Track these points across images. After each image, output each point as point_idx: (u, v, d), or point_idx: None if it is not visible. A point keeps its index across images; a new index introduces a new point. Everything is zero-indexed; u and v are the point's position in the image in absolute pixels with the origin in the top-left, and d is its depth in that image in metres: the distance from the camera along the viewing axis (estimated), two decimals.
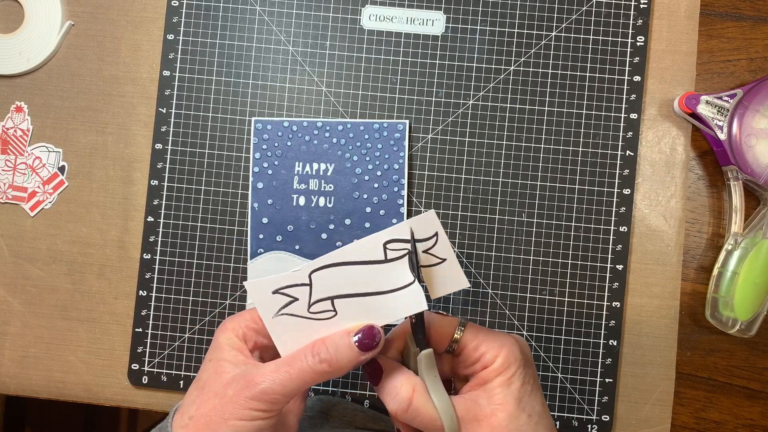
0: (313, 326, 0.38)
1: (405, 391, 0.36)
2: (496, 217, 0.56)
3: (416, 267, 0.37)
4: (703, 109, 0.53)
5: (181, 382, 0.56)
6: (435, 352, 0.39)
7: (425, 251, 0.38)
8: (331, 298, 0.38)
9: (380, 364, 0.38)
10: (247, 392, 0.35)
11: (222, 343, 0.39)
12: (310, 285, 0.38)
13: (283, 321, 0.38)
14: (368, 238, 0.37)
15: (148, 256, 0.57)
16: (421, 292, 0.37)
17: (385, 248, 0.37)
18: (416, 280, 0.37)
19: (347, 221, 0.55)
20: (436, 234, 0.37)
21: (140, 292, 0.57)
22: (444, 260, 0.38)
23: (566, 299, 0.55)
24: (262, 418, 0.36)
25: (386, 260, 0.38)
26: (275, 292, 0.38)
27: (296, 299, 0.38)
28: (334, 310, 0.38)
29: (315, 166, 0.56)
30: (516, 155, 0.56)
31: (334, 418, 0.53)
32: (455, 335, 0.38)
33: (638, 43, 0.56)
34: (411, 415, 0.36)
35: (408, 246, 0.37)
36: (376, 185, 0.56)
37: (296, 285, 0.38)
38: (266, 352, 0.40)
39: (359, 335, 0.37)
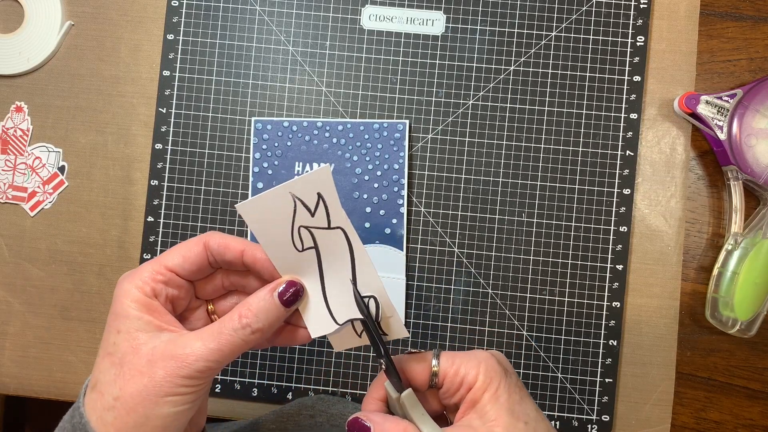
0: (283, 227, 0.37)
1: None
2: (496, 217, 0.56)
3: (375, 339, 0.38)
4: (703, 109, 0.53)
5: None
6: (420, 391, 0.39)
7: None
8: (317, 250, 0.38)
9: (365, 423, 0.37)
10: (181, 372, 0.35)
11: (128, 309, 0.36)
12: (329, 228, 0.37)
13: (285, 201, 0.37)
14: (373, 272, 0.38)
15: (148, 256, 0.57)
16: (328, 331, 0.39)
17: (358, 293, 0.38)
18: (337, 326, 0.38)
19: None
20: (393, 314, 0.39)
21: None
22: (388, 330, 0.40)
23: (566, 299, 0.55)
24: (198, 391, 0.36)
25: (357, 290, 0.38)
26: (319, 194, 0.36)
27: (312, 215, 0.37)
28: (302, 249, 0.38)
29: (315, 166, 0.56)
30: (516, 155, 0.56)
31: (335, 416, 0.53)
32: (433, 368, 0.38)
33: (638, 43, 0.56)
34: None
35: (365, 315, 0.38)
36: (376, 185, 0.56)
37: (326, 212, 0.37)
38: (178, 302, 0.39)
39: (281, 291, 0.37)
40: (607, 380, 0.55)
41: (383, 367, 0.37)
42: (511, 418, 0.36)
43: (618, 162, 0.56)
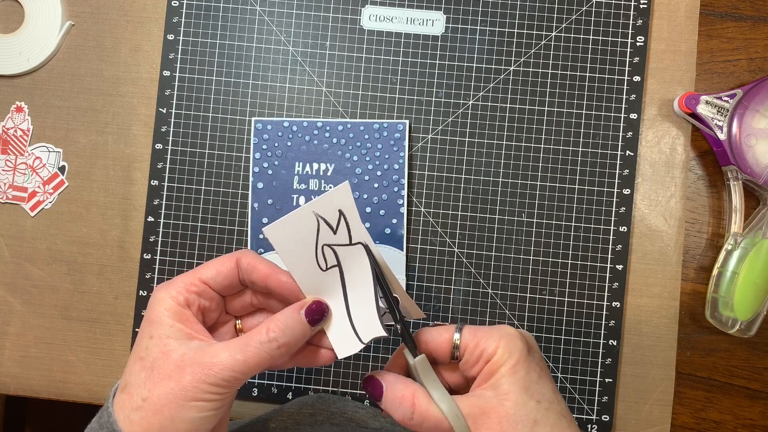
0: (307, 248, 0.39)
1: (407, 399, 0.37)
2: (496, 217, 0.56)
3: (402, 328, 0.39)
4: (702, 109, 0.53)
5: None
6: (441, 363, 0.40)
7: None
8: (340, 268, 0.39)
9: (380, 381, 0.38)
10: (207, 379, 0.36)
11: (161, 316, 0.38)
12: (350, 244, 0.39)
13: (309, 221, 0.38)
14: (396, 281, 0.39)
15: (148, 256, 0.57)
16: (354, 350, 0.40)
17: (382, 310, 0.39)
18: (362, 345, 0.39)
19: None
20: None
21: (140, 292, 0.57)
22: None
23: (566, 299, 0.55)
24: (223, 399, 0.37)
25: (380, 312, 0.39)
26: (341, 211, 0.38)
27: (335, 233, 0.38)
28: (326, 269, 0.39)
29: (315, 166, 0.56)
30: (516, 155, 0.56)
31: (335, 415, 0.53)
32: (455, 341, 0.38)
33: (638, 43, 0.56)
34: (417, 421, 0.36)
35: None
36: (376, 185, 0.56)
37: (348, 228, 0.38)
38: (209, 313, 0.40)
39: (307, 310, 0.38)
40: (607, 380, 0.55)
41: (399, 329, 0.38)
42: (523, 394, 0.36)
43: (618, 162, 0.56)
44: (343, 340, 0.40)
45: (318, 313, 0.39)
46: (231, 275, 0.40)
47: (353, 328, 0.39)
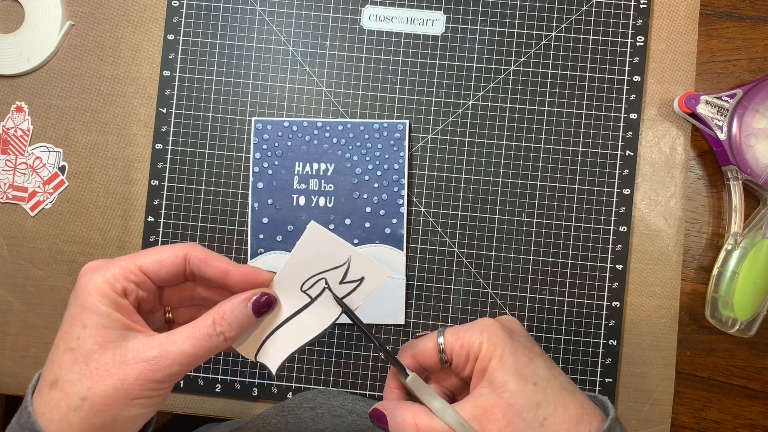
0: (315, 266, 0.40)
1: (408, 419, 0.37)
2: (496, 217, 0.56)
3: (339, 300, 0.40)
4: (702, 109, 0.53)
5: (181, 383, 0.56)
6: (434, 371, 0.40)
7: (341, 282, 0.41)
8: (310, 302, 0.41)
9: (381, 411, 0.39)
10: (154, 375, 0.34)
11: (97, 303, 0.35)
12: (335, 301, 0.40)
13: (340, 255, 0.40)
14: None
15: None
16: (245, 354, 0.40)
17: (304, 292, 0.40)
18: (253, 360, 0.40)
19: (347, 221, 0.55)
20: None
21: None
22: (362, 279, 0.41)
23: (566, 299, 0.55)
24: (166, 393, 0.36)
25: (290, 358, 0.41)
26: (363, 278, 0.40)
27: (340, 282, 0.40)
28: (303, 290, 0.40)
29: (315, 166, 0.56)
30: (516, 155, 0.56)
31: (336, 407, 0.53)
32: (439, 345, 0.39)
33: (638, 43, 0.56)
34: None
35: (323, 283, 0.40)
36: (376, 185, 0.56)
37: (350, 293, 0.40)
38: (144, 304, 0.38)
39: (255, 302, 0.38)
40: (607, 380, 0.55)
41: (381, 355, 0.39)
42: (519, 381, 0.36)
43: (618, 162, 0.56)
44: (249, 340, 0.40)
45: (264, 304, 0.38)
46: (175, 270, 0.38)
47: (263, 342, 0.40)
